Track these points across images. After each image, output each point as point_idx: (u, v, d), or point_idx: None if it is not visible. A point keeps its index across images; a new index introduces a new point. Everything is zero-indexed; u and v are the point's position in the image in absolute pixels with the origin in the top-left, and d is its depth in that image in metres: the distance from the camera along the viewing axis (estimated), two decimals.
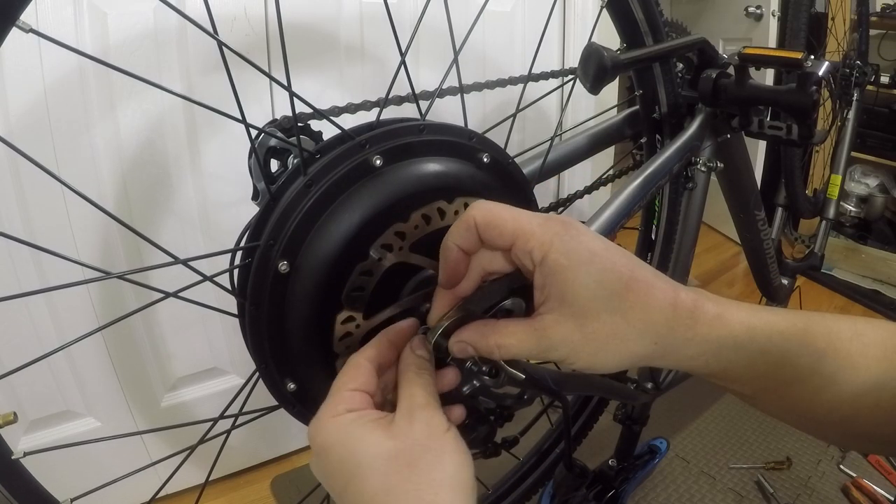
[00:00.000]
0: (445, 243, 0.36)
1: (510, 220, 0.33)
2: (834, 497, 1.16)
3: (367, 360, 0.37)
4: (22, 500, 0.40)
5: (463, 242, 0.35)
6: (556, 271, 0.32)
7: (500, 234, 0.33)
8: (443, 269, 0.36)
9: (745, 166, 0.86)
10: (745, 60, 0.68)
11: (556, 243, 0.32)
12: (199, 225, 1.02)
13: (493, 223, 0.34)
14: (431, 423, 0.33)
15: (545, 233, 0.33)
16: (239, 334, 0.43)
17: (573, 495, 0.99)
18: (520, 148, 0.62)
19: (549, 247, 0.32)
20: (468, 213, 0.34)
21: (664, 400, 0.95)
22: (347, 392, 0.34)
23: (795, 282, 1.33)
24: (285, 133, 0.45)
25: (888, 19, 1.97)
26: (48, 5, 0.81)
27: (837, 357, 0.35)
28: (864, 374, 0.35)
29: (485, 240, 0.34)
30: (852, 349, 0.36)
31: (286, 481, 1.23)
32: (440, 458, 0.31)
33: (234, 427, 0.49)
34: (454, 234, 0.35)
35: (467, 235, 0.35)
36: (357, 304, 0.41)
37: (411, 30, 0.49)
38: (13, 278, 0.88)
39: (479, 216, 0.34)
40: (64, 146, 0.87)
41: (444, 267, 0.36)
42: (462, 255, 0.36)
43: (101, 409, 1.04)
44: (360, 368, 0.36)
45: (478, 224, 0.34)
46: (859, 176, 2.18)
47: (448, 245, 0.35)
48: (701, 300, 0.34)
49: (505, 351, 0.34)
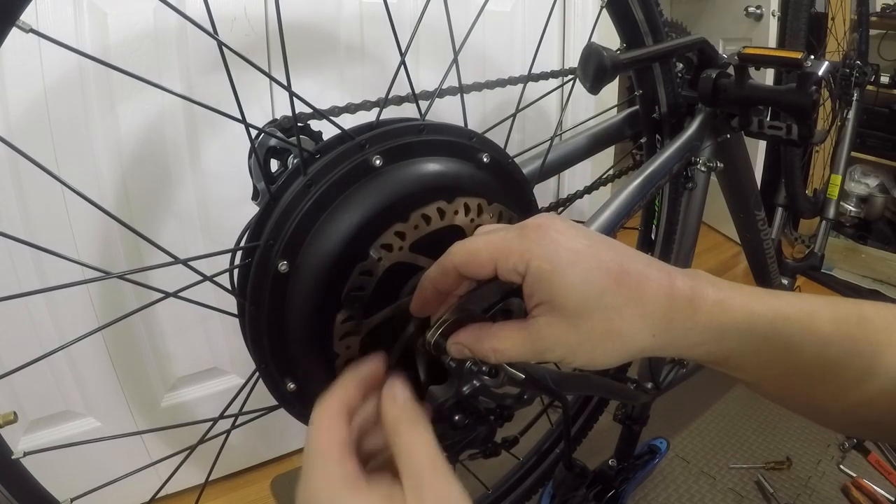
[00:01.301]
0: (422, 282, 0.36)
1: (484, 248, 0.33)
2: (834, 497, 1.16)
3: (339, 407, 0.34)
4: (22, 500, 0.40)
5: (440, 285, 0.35)
6: (541, 277, 0.31)
7: (480, 265, 0.33)
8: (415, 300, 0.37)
9: (745, 166, 0.86)
10: (744, 60, 0.68)
11: (536, 250, 0.32)
12: (199, 225, 1.02)
13: (470, 261, 0.33)
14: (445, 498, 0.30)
15: (522, 243, 0.32)
16: (239, 334, 0.43)
17: (573, 495, 0.99)
18: (520, 148, 0.62)
19: (530, 255, 0.32)
20: (446, 259, 0.34)
21: (664, 400, 0.95)
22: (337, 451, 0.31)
23: (795, 282, 1.34)
24: (285, 133, 0.45)
25: (888, 19, 1.97)
26: (48, 5, 0.81)
27: (843, 343, 0.34)
28: (869, 361, 0.35)
29: (469, 276, 0.34)
30: (858, 334, 0.35)
31: (286, 481, 1.23)
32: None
33: (234, 427, 0.49)
34: (433, 274, 0.36)
35: (445, 279, 0.35)
36: (357, 304, 0.41)
37: (411, 30, 0.49)
38: (13, 278, 0.88)
39: (457, 259, 0.34)
40: (64, 146, 0.87)
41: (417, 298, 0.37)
42: (437, 294, 0.36)
43: (101, 409, 1.04)
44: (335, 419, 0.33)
45: (457, 266, 0.34)
46: (859, 176, 2.18)
47: (424, 285, 0.36)
48: (700, 286, 0.33)
49: (500, 355, 0.34)
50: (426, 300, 0.37)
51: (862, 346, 0.35)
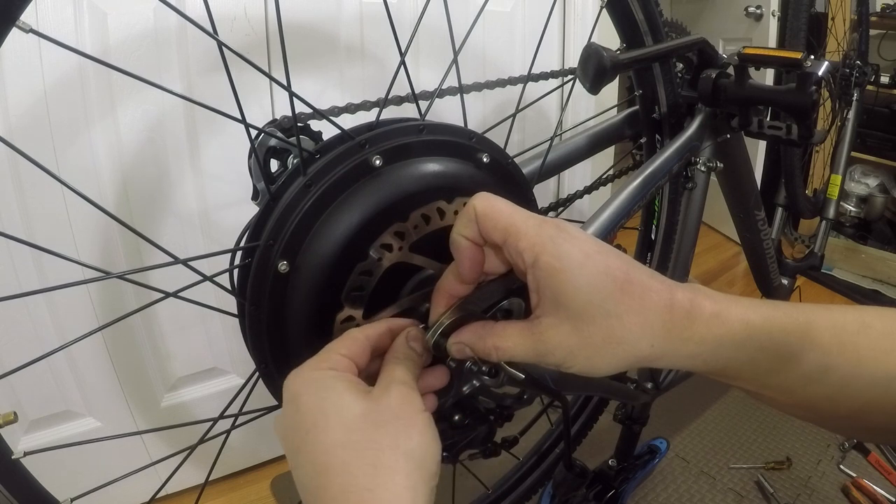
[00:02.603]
0: (453, 237, 0.35)
1: (505, 214, 0.33)
2: (834, 497, 1.16)
3: (363, 335, 0.37)
4: (22, 500, 0.40)
5: (468, 233, 0.35)
6: (550, 274, 0.32)
7: (494, 225, 0.33)
8: (460, 264, 0.36)
9: (745, 166, 0.86)
10: (744, 60, 0.68)
11: (549, 246, 0.32)
12: (199, 225, 1.02)
13: (489, 214, 0.34)
14: (407, 398, 0.33)
15: (538, 234, 0.32)
16: (239, 334, 0.43)
17: (573, 495, 0.99)
18: (520, 148, 0.62)
19: (541, 249, 0.32)
20: (469, 203, 0.34)
21: (664, 400, 0.95)
22: (335, 355, 0.35)
23: (795, 282, 1.34)
24: (285, 133, 0.45)
25: (888, 19, 1.97)
26: (48, 5, 0.81)
27: (843, 351, 0.34)
28: (872, 368, 0.34)
29: (481, 230, 0.34)
30: (860, 343, 0.35)
31: (286, 481, 1.23)
32: (409, 429, 0.31)
33: (234, 427, 0.49)
34: (459, 225, 0.35)
35: (471, 225, 0.34)
36: (356, 304, 0.41)
37: (411, 30, 0.49)
38: (13, 278, 0.88)
39: (479, 206, 0.34)
40: (64, 146, 0.87)
41: (460, 261, 0.36)
42: (473, 246, 0.35)
43: (101, 409, 1.04)
44: (355, 340, 0.36)
45: (477, 213, 0.34)
46: (859, 176, 2.18)
47: (455, 238, 0.35)
48: (698, 299, 0.33)
49: (502, 353, 0.34)
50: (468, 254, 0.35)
51: (864, 353, 0.35)
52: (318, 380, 0.33)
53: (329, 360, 0.34)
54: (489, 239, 0.34)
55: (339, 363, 0.34)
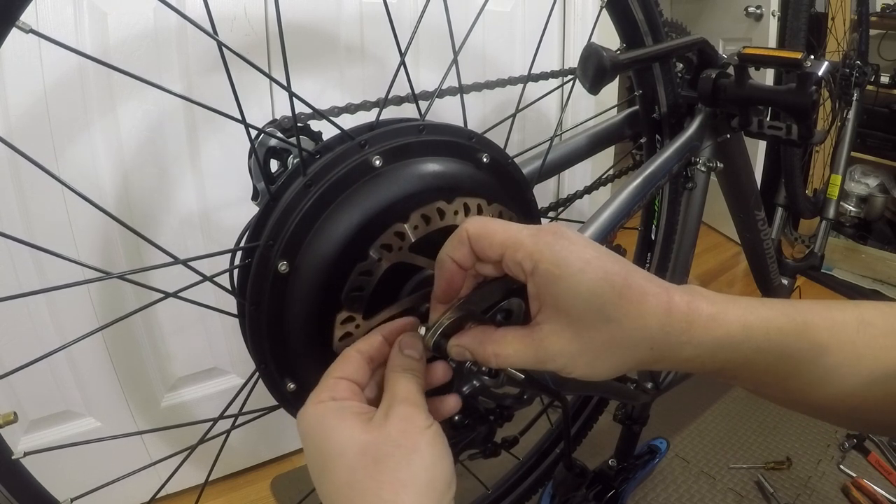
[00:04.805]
0: (440, 256, 0.36)
1: (500, 231, 0.34)
2: (834, 497, 1.16)
3: (357, 351, 0.37)
4: (22, 500, 0.40)
5: (457, 255, 0.35)
6: (549, 281, 0.32)
7: (490, 244, 0.34)
8: (438, 283, 0.37)
9: (745, 166, 0.86)
10: (744, 60, 0.68)
11: (547, 253, 0.32)
12: (199, 225, 1.02)
13: (483, 234, 0.34)
14: (408, 419, 0.33)
15: (535, 243, 0.33)
16: (239, 334, 0.43)
17: (573, 495, 0.99)
18: (520, 148, 0.62)
19: (540, 256, 0.32)
20: (461, 227, 0.35)
21: (664, 400, 0.95)
22: (333, 380, 0.35)
23: (795, 282, 1.34)
24: (285, 133, 0.45)
25: (888, 19, 1.97)
26: (48, 5, 0.81)
27: (842, 350, 0.35)
28: (871, 365, 0.35)
29: (476, 251, 0.35)
30: (858, 340, 0.35)
31: (286, 481, 1.23)
32: (409, 456, 0.31)
33: (234, 427, 0.49)
34: (448, 247, 0.36)
35: (461, 248, 0.35)
36: (356, 305, 0.41)
37: (411, 30, 0.49)
38: (13, 278, 0.88)
39: (472, 228, 0.34)
40: (64, 146, 0.87)
41: (439, 280, 0.36)
42: (457, 269, 0.36)
43: (101, 409, 1.04)
44: (349, 360, 0.36)
45: (470, 236, 0.34)
46: (859, 176, 2.18)
47: (442, 258, 0.36)
48: (696, 301, 0.34)
49: (502, 360, 0.34)
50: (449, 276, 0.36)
51: (863, 351, 0.35)
52: (319, 417, 0.33)
53: (328, 389, 0.35)
54: (486, 257, 0.35)
55: (339, 390, 0.35)
